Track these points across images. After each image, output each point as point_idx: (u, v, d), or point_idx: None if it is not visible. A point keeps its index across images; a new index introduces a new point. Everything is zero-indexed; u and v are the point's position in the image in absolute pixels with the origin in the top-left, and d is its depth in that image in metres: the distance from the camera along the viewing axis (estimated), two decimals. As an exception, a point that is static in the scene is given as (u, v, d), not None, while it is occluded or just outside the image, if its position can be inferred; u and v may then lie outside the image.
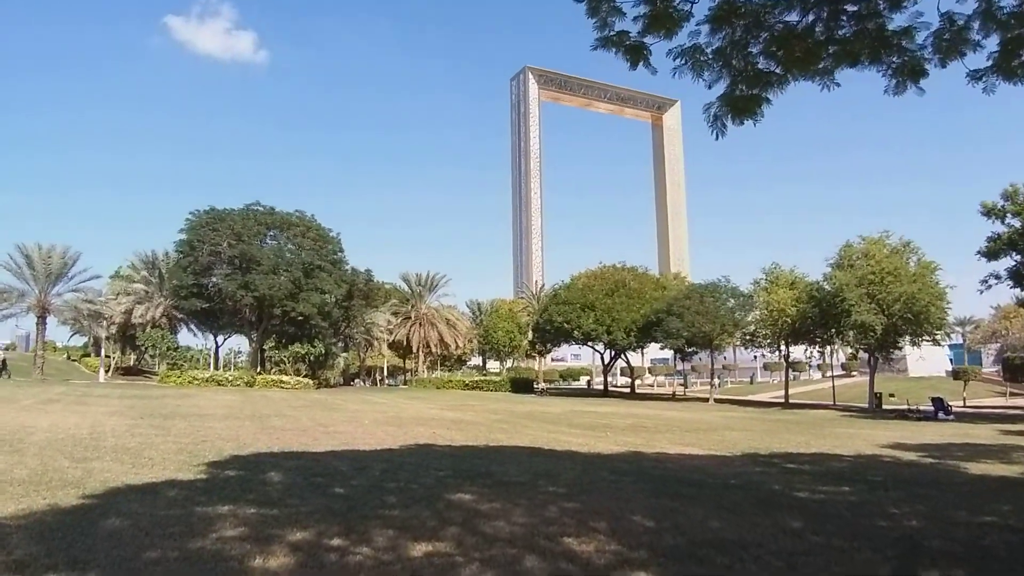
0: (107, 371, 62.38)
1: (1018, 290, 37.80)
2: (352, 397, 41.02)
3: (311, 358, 56.20)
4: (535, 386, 67.82)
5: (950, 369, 79.78)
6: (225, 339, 69.59)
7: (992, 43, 7.29)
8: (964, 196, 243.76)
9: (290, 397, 37.22)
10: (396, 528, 6.54)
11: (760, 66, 7.72)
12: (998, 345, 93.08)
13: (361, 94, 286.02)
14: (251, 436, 15.53)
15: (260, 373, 52.95)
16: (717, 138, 7.61)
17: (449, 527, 6.69)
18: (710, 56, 7.52)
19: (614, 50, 7.36)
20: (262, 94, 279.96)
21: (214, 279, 55.41)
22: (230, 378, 49.69)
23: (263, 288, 50.98)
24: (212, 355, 68.23)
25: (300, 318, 53.54)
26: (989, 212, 37.79)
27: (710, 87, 7.75)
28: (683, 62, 7.34)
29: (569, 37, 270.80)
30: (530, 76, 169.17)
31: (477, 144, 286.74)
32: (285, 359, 55.54)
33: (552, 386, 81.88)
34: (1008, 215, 36.92)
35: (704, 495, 9.27)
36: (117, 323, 62.59)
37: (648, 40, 7.30)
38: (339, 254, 57.96)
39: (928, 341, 47.97)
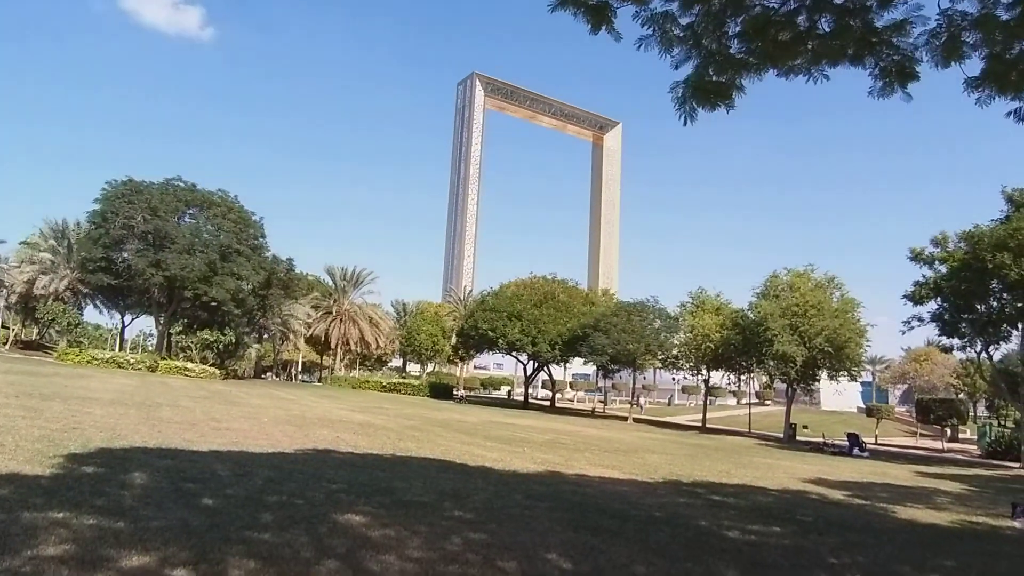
0: (4, 344, 58.18)
1: (943, 338, 38.43)
2: (258, 391, 38.94)
3: (220, 346, 53.34)
4: (455, 393, 66.45)
5: (861, 405, 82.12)
6: (132, 319, 66.08)
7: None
8: (885, 238, 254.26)
9: (191, 386, 35.00)
10: (260, 559, 5.28)
11: (733, 51, 6.85)
12: (906, 386, 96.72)
13: (305, 81, 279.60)
14: (130, 426, 13.92)
15: (165, 358, 49.98)
16: (685, 123, 6.71)
17: (326, 560, 5.46)
18: (681, 31, 6.59)
19: (574, 10, 6.31)
20: (204, 72, 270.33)
21: (125, 254, 52.16)
22: (132, 361, 46.80)
23: (175, 268, 48.29)
24: (118, 335, 64.42)
25: (212, 303, 50.87)
26: (917, 257, 38.54)
27: (676, 67, 6.82)
28: (651, 31, 6.36)
29: (520, 48, 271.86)
30: (477, 83, 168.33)
31: (418, 144, 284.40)
32: (192, 345, 52.46)
33: (472, 394, 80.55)
34: (936, 261, 37.66)
35: (628, 530, 8.27)
36: (18, 293, 58.41)
37: (614, 2, 6.29)
38: (260, 240, 55.53)
39: (845, 376, 48.94)
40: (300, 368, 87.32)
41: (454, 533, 6.99)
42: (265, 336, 76.31)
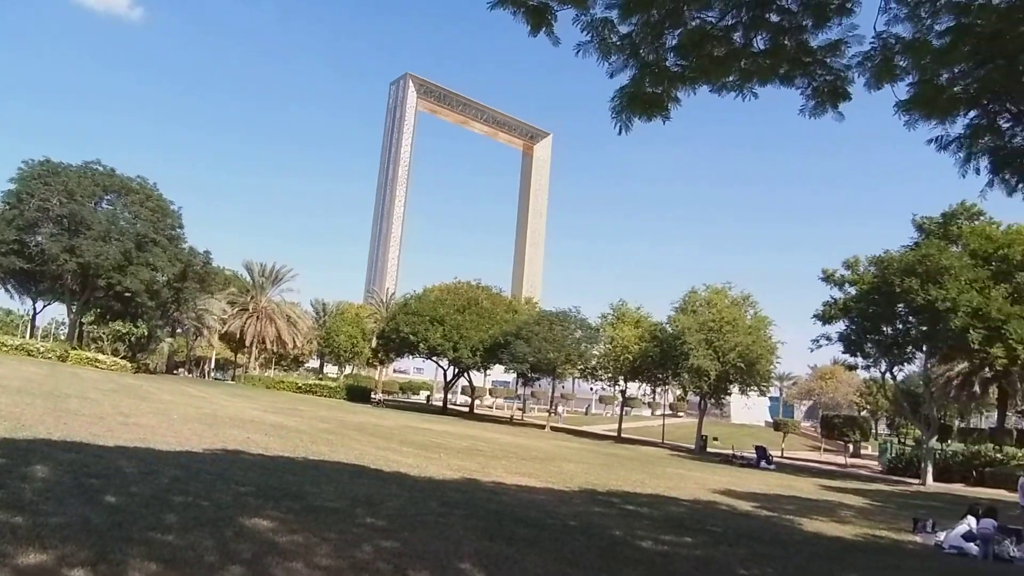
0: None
1: (848, 355, 39.93)
2: (169, 387, 37.39)
3: (132, 339, 51.24)
4: (372, 396, 65.41)
5: (769, 420, 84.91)
6: (45, 306, 62.51)
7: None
8: (799, 261, 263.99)
9: (101, 378, 33.49)
10: (162, 562, 5.01)
11: (669, 63, 6.88)
12: (811, 402, 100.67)
13: (234, 67, 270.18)
14: (35, 417, 13.23)
15: (76, 348, 47.68)
16: (620, 132, 6.74)
17: (231, 566, 5.19)
18: (619, 40, 6.58)
19: (514, 9, 6.21)
20: (130, 51, 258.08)
21: (39, 238, 49.78)
22: (42, 349, 44.62)
23: (89, 255, 46.34)
24: (29, 322, 60.77)
25: (126, 294, 48.97)
26: (829, 278, 40.02)
27: (612, 76, 6.82)
28: (590, 37, 6.32)
29: (455, 53, 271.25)
30: (410, 83, 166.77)
31: (347, 140, 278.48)
32: (104, 336, 50.16)
33: (390, 398, 79.51)
34: (847, 283, 39.14)
35: (543, 539, 8.20)
36: None
37: (554, 5, 6.22)
38: (178, 230, 53.81)
39: (755, 391, 50.58)
40: (213, 365, 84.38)
41: (365, 541, 6.75)
42: (179, 331, 73.57)
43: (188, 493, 7.84)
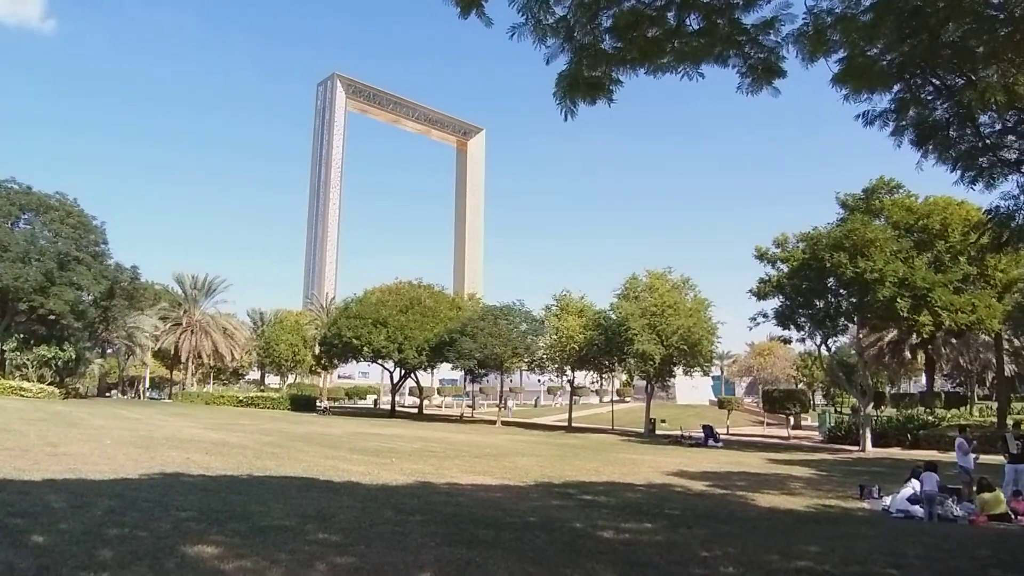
0: None
1: (782, 329, 40.96)
2: (101, 411, 35.94)
3: (59, 363, 48.84)
4: (318, 404, 64.19)
5: (713, 398, 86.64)
6: (-40, 337, 59.09)
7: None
8: (732, 241, 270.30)
9: (27, 408, 31.91)
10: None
11: (605, 46, 6.75)
12: (751, 378, 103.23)
13: (152, 75, 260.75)
14: (-55, 458, 12.17)
15: (-1, 378, 45.16)
16: (566, 118, 6.66)
17: (173, 603, 4.77)
18: (554, 21, 6.41)
19: (444, -9, 5.96)
20: (44, 65, 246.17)
21: (-51, 264, 46.66)
22: (-43, 383, 41.90)
23: (8, 278, 44.29)
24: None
25: (50, 316, 46.93)
26: (762, 256, 40.96)
27: (548, 62, 6.67)
28: (524, 20, 6.12)
29: (381, 50, 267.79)
30: (338, 84, 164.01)
31: (275, 145, 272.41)
32: (28, 363, 47.67)
33: (337, 405, 78.19)
34: (778, 261, 40.12)
35: (504, 540, 7.98)
36: None
37: (484, -14, 6.00)
38: (102, 246, 51.82)
39: (699, 371, 51.47)
40: (148, 384, 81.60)
41: (318, 559, 6.42)
42: (109, 351, 70.97)
43: (124, 524, 7.34)
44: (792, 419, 58.67)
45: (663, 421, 51.21)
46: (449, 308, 60.88)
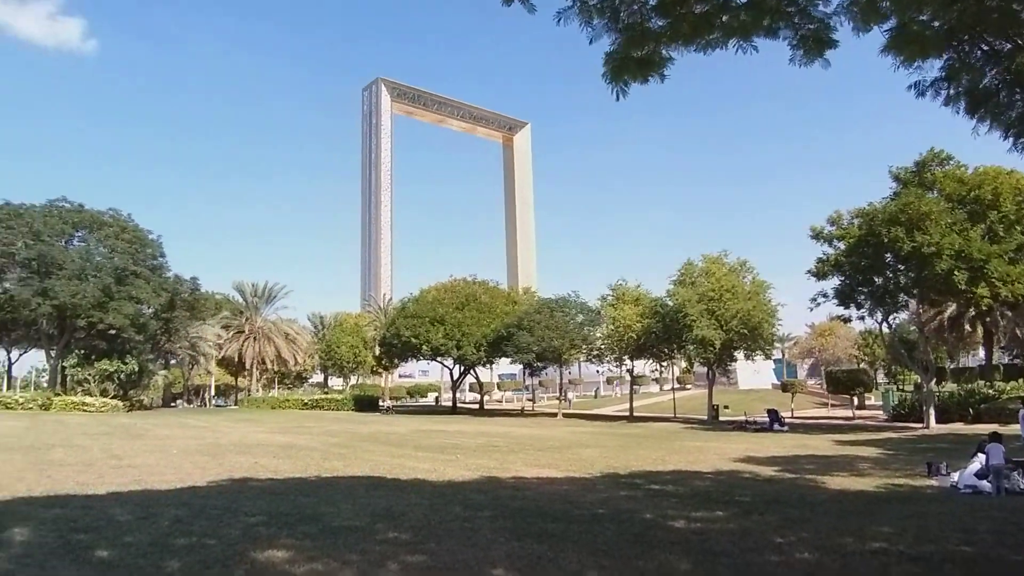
0: None
1: (842, 308, 40.23)
2: (167, 421, 36.97)
3: (122, 376, 50.13)
4: (380, 404, 65.03)
5: (776, 382, 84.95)
6: (20, 355, 61.51)
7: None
8: (787, 223, 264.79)
9: (91, 422, 32.88)
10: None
11: (651, 25, 6.55)
12: (812, 360, 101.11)
13: (200, 93, 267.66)
14: (13, 474, 12.57)
15: (59, 394, 46.66)
16: (617, 98, 6.46)
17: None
18: (598, 3, 6.25)
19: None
20: (89, 87, 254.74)
21: (6, 284, 48.49)
22: (21, 400, 43.42)
23: (65, 296, 45.09)
24: (4, 373, 59.77)
25: (110, 331, 47.86)
26: (817, 236, 40.21)
27: (591, 42, 6.50)
28: (571, 2, 5.99)
29: (425, 52, 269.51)
30: (383, 88, 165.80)
31: (325, 153, 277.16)
32: (91, 378, 49.03)
33: (399, 403, 79.15)
34: (834, 239, 39.34)
35: (573, 533, 7.86)
36: None
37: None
38: (159, 259, 52.88)
39: (760, 355, 50.46)
40: (214, 392, 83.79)
41: (390, 558, 6.39)
42: (173, 361, 72.88)
43: (192, 533, 7.42)
44: (856, 399, 57.26)
45: (726, 407, 50.44)
46: (504, 303, 61.01)
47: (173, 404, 73.15)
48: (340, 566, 6.03)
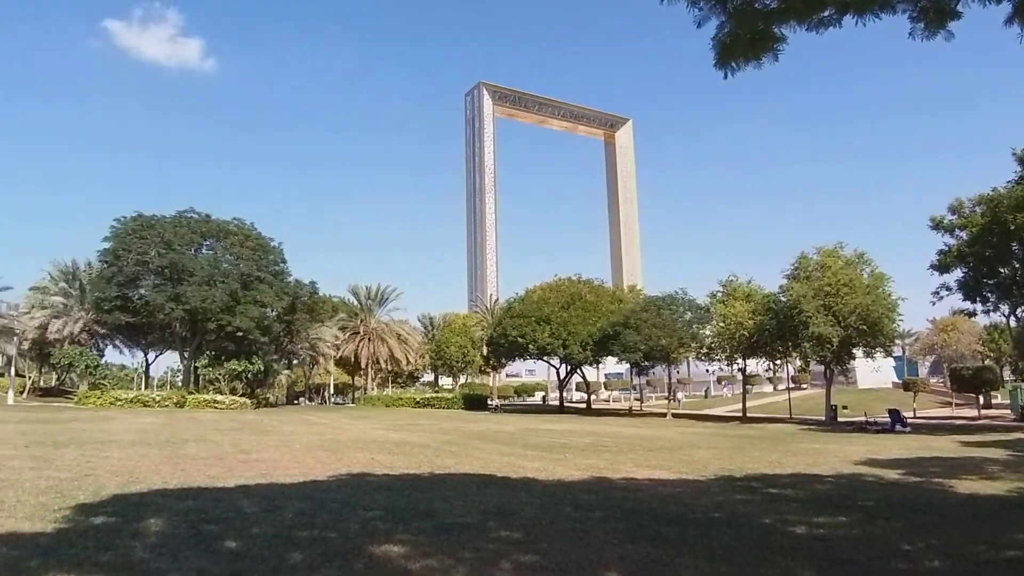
0: (22, 392, 57.84)
1: (967, 302, 37.71)
2: (290, 417, 38.62)
3: (249, 376, 53.00)
4: (489, 403, 65.91)
5: (896, 380, 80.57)
6: (157, 356, 65.88)
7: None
8: (903, 212, 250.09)
9: (221, 418, 34.69)
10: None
11: (759, 5, 6.29)
12: (934, 357, 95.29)
13: (311, 105, 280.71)
14: (150, 468, 13.32)
15: (192, 393, 49.70)
16: (726, 76, 6.23)
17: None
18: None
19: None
20: (209, 103, 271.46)
21: (141, 291, 51.78)
22: (157, 398, 46.34)
23: (195, 301, 47.83)
24: (142, 373, 64.26)
25: (238, 333, 50.41)
26: (938, 225, 37.94)
27: (699, 25, 6.30)
28: (677, -18, 5.86)
29: (524, 54, 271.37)
30: (484, 92, 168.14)
31: (429, 158, 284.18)
32: (221, 377, 52.10)
33: (506, 402, 80.00)
34: (956, 228, 36.96)
35: (689, 537, 7.64)
36: (30, 339, 57.51)
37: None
38: (281, 265, 55.27)
39: (881, 352, 47.83)
40: (332, 390, 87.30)
41: (503, 557, 6.41)
42: (295, 361, 76.26)
43: (314, 526, 7.67)
44: (982, 398, 53.52)
45: (845, 407, 48.22)
46: (610, 301, 60.55)
47: (296, 402, 76.56)
48: (454, 563, 6.10)
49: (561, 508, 9.49)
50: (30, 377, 67.06)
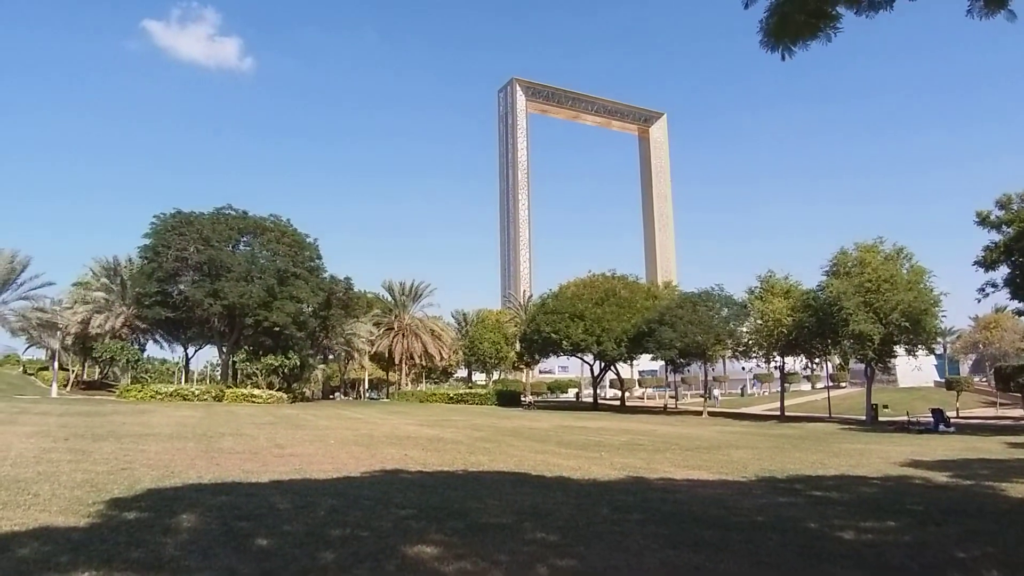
0: (66, 385, 59.18)
1: (1015, 302, 36.62)
2: (326, 412, 38.84)
3: (286, 370, 53.52)
4: (522, 399, 65.74)
5: (938, 379, 78.81)
6: (196, 350, 66.94)
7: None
8: (945, 210, 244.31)
9: (258, 412, 34.99)
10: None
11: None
12: (976, 355, 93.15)
13: (347, 103, 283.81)
14: (186, 461, 13.38)
15: (231, 387, 50.32)
16: (783, 58, 5.86)
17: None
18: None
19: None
20: (247, 102, 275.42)
21: (180, 286, 52.61)
22: (196, 392, 46.91)
23: (233, 296, 48.37)
24: (182, 367, 65.33)
25: (275, 328, 50.88)
26: (984, 221, 36.83)
27: (747, 6, 5.99)
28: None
29: (557, 49, 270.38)
30: (517, 88, 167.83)
31: (463, 154, 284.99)
32: (258, 372, 52.70)
33: (540, 399, 79.80)
34: (1003, 224, 35.91)
35: (732, 542, 7.34)
36: (73, 334, 58.72)
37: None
38: (316, 261, 55.71)
39: (923, 350, 46.60)
40: (367, 385, 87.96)
41: (539, 560, 6.19)
42: (330, 356, 76.90)
43: (346, 524, 7.52)
44: (1028, 397, 52.02)
45: (885, 407, 47.18)
46: (645, 298, 59.95)
47: (331, 396, 77.29)
48: (489, 566, 5.90)
49: (597, 509, 9.24)
50: (74, 371, 68.59)
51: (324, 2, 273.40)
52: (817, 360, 55.99)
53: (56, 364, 58.21)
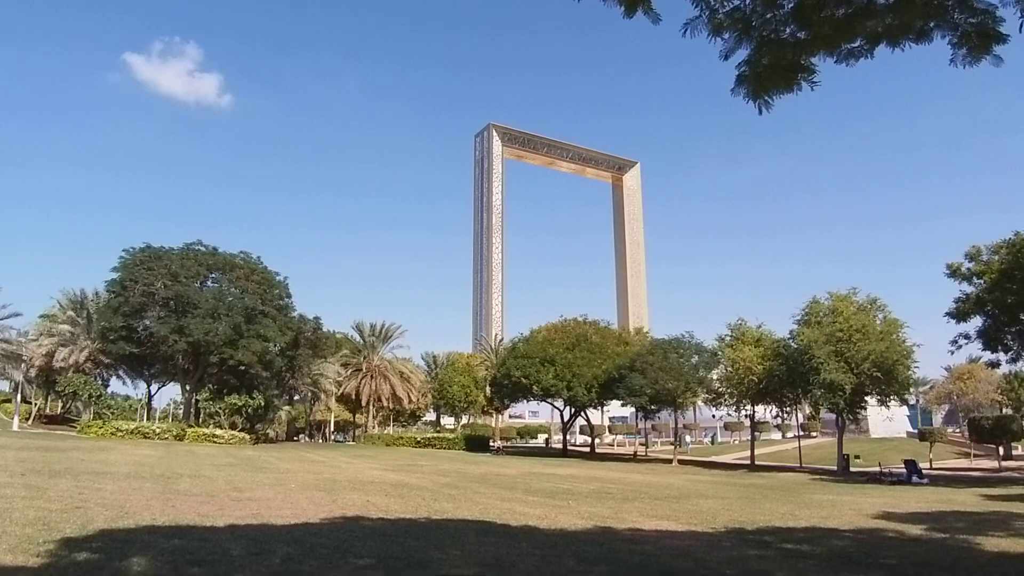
0: (28, 419, 57.53)
1: (987, 353, 37.07)
2: (288, 455, 37.96)
3: (249, 411, 52.32)
4: (491, 444, 64.98)
5: (911, 430, 79.30)
6: (160, 388, 65.52)
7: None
8: (915, 265, 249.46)
9: (219, 453, 34.14)
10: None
11: (787, 35, 6.01)
12: (948, 406, 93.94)
13: (323, 143, 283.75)
14: (141, 503, 12.94)
15: (192, 426, 49.11)
16: (760, 112, 5.94)
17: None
18: (725, 16, 5.78)
19: (605, -11, 5.50)
20: (223, 143, 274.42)
21: (146, 322, 51.73)
22: (158, 431, 45.74)
23: (199, 333, 47.61)
24: (145, 405, 63.77)
25: (240, 367, 50.04)
26: (954, 273, 37.46)
27: (726, 58, 6.00)
28: (699, 12, 5.54)
29: (533, 96, 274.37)
30: (494, 133, 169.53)
31: (437, 198, 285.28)
32: (221, 411, 51.45)
33: (509, 444, 78.87)
34: (974, 276, 36.55)
35: (702, 597, 7.07)
36: (37, 366, 57.51)
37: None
38: (286, 299, 55.12)
39: (895, 401, 46.89)
40: (333, 428, 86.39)
41: (500, 618, 5.89)
42: (296, 397, 75.60)
43: (301, 574, 7.19)
44: (1002, 449, 52.39)
45: (857, 457, 47.36)
46: (616, 344, 59.90)
47: (296, 438, 75.76)
48: (448, 623, 5.59)
49: (563, 561, 8.95)
50: (37, 404, 66.85)
51: (306, 44, 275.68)
52: (788, 409, 56.21)
53: (19, 397, 56.68)
